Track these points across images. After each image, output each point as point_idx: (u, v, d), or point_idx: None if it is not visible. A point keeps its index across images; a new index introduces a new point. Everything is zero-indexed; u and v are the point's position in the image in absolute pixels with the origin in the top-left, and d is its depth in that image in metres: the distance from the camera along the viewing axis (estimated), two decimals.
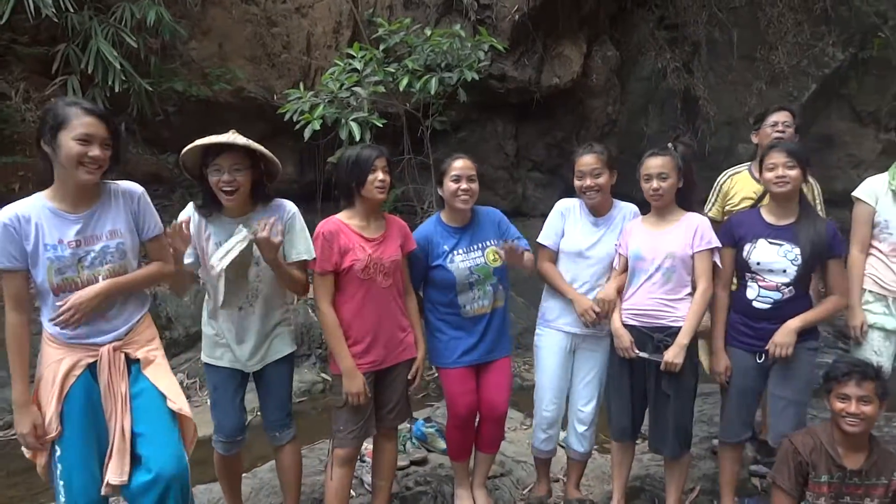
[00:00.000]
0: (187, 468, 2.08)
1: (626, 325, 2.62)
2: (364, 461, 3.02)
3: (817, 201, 3.17)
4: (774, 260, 2.51)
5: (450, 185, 2.66)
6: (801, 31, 6.68)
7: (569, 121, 6.63)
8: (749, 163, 3.27)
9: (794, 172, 2.47)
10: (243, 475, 2.93)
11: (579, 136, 6.67)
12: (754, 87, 6.68)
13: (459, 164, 2.66)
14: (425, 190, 5.71)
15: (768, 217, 2.59)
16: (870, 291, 2.81)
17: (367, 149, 2.52)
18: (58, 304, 2.00)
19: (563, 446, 3.58)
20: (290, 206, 2.50)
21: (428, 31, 5.17)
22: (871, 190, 2.81)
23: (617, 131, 6.82)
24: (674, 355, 2.49)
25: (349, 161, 2.47)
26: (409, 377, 2.65)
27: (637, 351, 2.57)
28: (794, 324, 2.49)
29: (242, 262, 2.31)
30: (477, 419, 2.84)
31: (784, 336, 2.49)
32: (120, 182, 2.16)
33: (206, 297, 2.53)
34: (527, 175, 6.86)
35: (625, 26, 7.01)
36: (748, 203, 3.06)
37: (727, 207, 3.19)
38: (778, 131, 3.09)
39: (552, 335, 2.84)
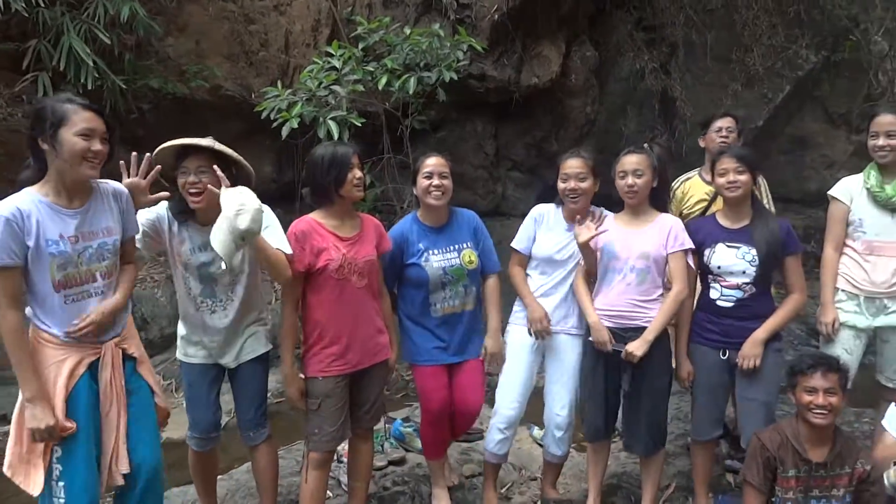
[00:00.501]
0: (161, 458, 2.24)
1: None
2: (341, 461, 3.01)
3: (765, 199, 3.23)
4: (734, 262, 2.58)
5: (422, 182, 2.68)
6: (776, 33, 6.77)
7: (548, 121, 6.64)
8: (699, 168, 3.38)
9: (744, 177, 2.54)
10: (219, 477, 2.90)
11: (558, 135, 6.69)
12: (730, 89, 6.75)
13: (431, 162, 2.69)
14: (405, 189, 5.69)
15: (724, 221, 2.65)
16: (842, 290, 2.87)
17: (342, 146, 2.51)
18: (61, 302, 1.99)
19: (540, 444, 3.61)
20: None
21: (407, 30, 5.16)
22: (847, 189, 2.88)
23: (596, 131, 6.85)
24: (635, 347, 2.52)
25: (324, 160, 2.43)
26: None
27: (614, 342, 2.59)
28: (759, 335, 2.55)
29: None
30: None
31: (751, 348, 2.55)
32: (108, 181, 2.16)
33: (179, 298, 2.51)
34: (506, 175, 6.87)
35: (603, 27, 7.04)
36: (703, 204, 3.18)
37: (684, 210, 3.28)
38: (722, 137, 3.22)
39: (521, 332, 2.84)
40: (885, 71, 6.83)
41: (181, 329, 2.53)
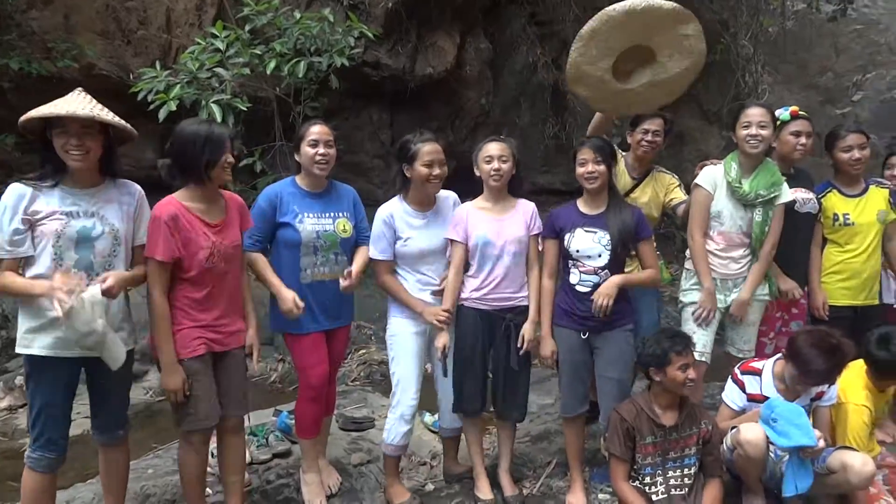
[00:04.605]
0: None
1: (477, 309, 2.76)
2: None
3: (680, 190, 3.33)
4: (590, 246, 2.72)
5: (307, 150, 2.66)
6: None
7: (443, 111, 6.71)
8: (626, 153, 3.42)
9: (601, 167, 2.69)
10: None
11: (454, 126, 6.78)
12: None
13: (317, 129, 2.67)
14: None
15: (583, 208, 2.81)
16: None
17: (217, 126, 2.43)
18: None
19: (432, 430, 3.66)
20: (139, 188, 2.42)
21: (297, 14, 5.01)
22: (712, 178, 3.04)
23: (490, 122, 6.99)
24: (531, 332, 2.75)
25: (199, 137, 2.32)
26: (248, 352, 2.59)
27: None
28: (617, 279, 2.71)
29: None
30: None
31: (607, 288, 2.67)
32: None
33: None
34: None
35: (498, 21, 7.19)
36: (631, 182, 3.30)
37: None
38: (648, 140, 3.21)
39: (404, 323, 2.85)
40: (751, 72, 7.43)
41: (33, 320, 2.22)
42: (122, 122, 2.27)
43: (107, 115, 2.21)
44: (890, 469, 2.88)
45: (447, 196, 2.91)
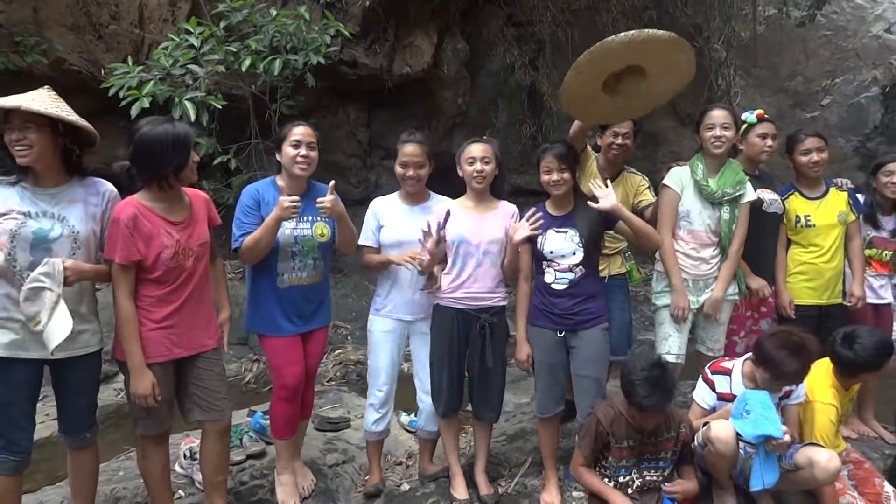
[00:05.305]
0: None
1: (453, 308, 2.77)
2: (195, 458, 2.87)
3: (650, 192, 3.39)
4: (563, 245, 2.75)
5: (289, 151, 2.63)
6: None
7: (420, 110, 6.71)
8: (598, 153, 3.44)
9: (566, 175, 2.72)
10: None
11: (431, 125, 6.78)
12: None
13: (300, 131, 2.65)
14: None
15: (552, 210, 2.84)
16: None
17: (181, 126, 2.37)
18: None
19: (408, 430, 3.67)
20: (110, 187, 2.35)
21: (274, 11, 4.98)
22: (679, 179, 3.11)
23: (468, 122, 7.02)
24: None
25: (167, 140, 2.26)
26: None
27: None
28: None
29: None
30: None
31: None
32: None
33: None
34: (380, 163, 6.86)
35: (475, 21, 7.21)
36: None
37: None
38: (617, 144, 3.24)
39: (383, 322, 2.91)
40: (724, 76, 7.57)
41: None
42: (57, 112, 2.12)
43: (37, 105, 2.10)
44: (855, 464, 2.94)
45: (446, 203, 2.89)
